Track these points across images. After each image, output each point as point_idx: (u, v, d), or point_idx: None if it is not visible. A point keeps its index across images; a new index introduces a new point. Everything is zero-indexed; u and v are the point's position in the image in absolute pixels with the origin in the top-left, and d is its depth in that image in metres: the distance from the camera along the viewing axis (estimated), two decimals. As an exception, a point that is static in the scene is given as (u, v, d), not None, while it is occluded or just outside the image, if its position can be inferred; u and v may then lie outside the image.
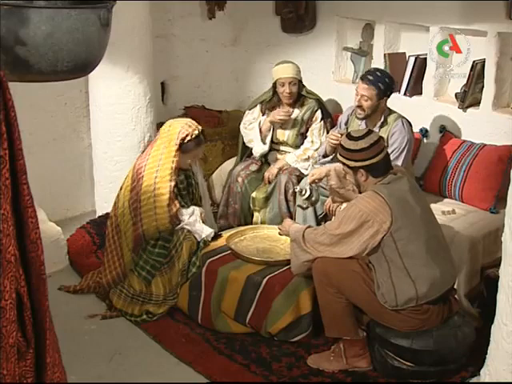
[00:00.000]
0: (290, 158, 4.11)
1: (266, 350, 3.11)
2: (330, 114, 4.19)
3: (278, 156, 4.21)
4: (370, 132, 2.88)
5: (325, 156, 3.78)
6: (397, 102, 4.15)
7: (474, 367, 2.85)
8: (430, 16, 4.02)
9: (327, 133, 4.00)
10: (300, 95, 4.09)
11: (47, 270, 1.58)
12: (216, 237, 3.58)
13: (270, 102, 4.15)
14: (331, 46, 4.71)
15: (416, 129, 3.99)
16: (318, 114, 4.09)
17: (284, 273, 3.23)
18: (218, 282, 3.27)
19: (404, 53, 4.36)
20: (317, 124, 4.08)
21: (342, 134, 3.46)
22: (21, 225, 1.49)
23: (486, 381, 2.64)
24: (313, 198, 3.45)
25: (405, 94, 4.24)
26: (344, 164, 2.88)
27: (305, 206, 3.61)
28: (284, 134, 4.18)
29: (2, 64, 1.52)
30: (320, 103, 4.13)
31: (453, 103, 4.03)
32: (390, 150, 3.48)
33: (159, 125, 4.52)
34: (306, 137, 4.13)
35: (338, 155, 2.93)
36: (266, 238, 3.63)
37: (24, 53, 1.66)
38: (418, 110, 4.12)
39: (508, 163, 3.57)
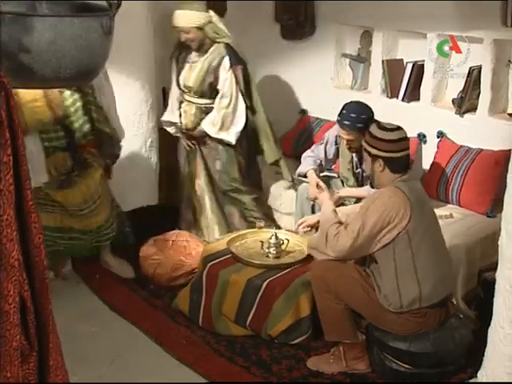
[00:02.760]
0: (208, 128, 3.88)
1: (266, 353, 3.14)
2: (242, 60, 3.86)
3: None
4: (400, 128, 2.89)
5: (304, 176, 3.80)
6: (394, 107, 4.20)
7: (472, 369, 2.87)
8: (428, 23, 4.04)
9: (237, 83, 3.80)
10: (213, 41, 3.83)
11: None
12: None
13: (180, 48, 3.96)
14: (330, 52, 4.74)
15: (414, 134, 4.03)
16: (226, 61, 3.79)
17: (284, 276, 3.26)
18: (218, 285, 3.29)
19: (402, 59, 4.39)
20: (226, 73, 3.79)
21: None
22: (24, 230, 1.51)
23: (483, 381, 2.66)
24: None
25: (402, 99, 4.26)
26: (366, 150, 2.89)
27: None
28: (189, 79, 3.93)
29: (6, 71, 1.55)
30: (229, 48, 3.83)
31: (450, 109, 4.05)
32: None
33: (160, 130, 4.57)
34: (216, 90, 3.86)
35: (363, 141, 2.92)
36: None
37: (28, 60, 1.67)
38: (416, 116, 4.15)
39: (504, 168, 3.58)
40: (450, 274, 2.96)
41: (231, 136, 3.91)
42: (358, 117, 3.42)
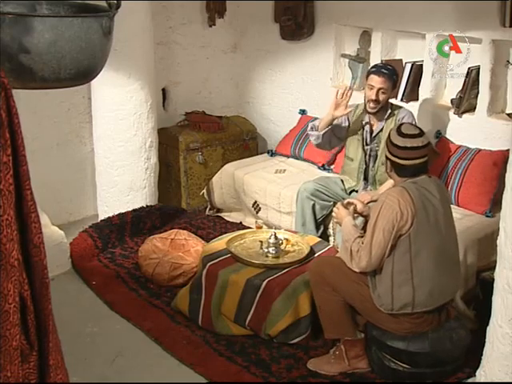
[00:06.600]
0: None
1: (266, 352, 3.14)
2: None
3: None
4: (419, 135, 2.83)
5: (316, 129, 3.85)
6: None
7: (470, 368, 2.89)
8: (426, 24, 4.05)
9: None
10: None
11: (50, 273, 1.60)
12: None
13: None
14: (329, 52, 4.75)
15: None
16: None
17: (283, 276, 3.27)
18: (218, 284, 3.30)
19: (401, 59, 4.39)
20: None
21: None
22: (24, 229, 1.51)
23: (482, 381, 2.67)
24: None
25: (401, 99, 4.27)
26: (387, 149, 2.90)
27: None
28: None
29: (6, 72, 1.55)
30: None
31: (449, 109, 4.07)
32: None
33: (160, 130, 4.59)
34: None
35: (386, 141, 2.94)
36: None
37: (28, 60, 1.67)
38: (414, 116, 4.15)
39: (503, 168, 3.60)
40: (452, 282, 2.92)
41: None
42: (393, 70, 3.70)
